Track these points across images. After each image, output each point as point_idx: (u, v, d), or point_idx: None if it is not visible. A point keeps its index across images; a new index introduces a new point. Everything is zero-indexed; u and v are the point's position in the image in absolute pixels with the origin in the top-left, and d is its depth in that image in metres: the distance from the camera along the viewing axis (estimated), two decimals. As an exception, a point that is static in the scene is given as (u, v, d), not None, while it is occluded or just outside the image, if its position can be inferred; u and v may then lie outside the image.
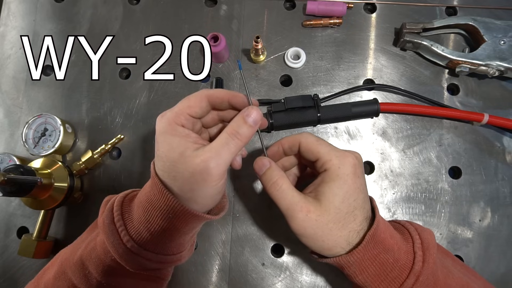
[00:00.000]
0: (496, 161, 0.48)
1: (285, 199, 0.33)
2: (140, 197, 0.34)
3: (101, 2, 0.54)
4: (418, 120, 0.49)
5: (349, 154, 0.34)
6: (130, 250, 0.32)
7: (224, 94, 0.34)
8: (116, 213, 0.33)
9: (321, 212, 0.32)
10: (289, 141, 0.36)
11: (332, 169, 0.33)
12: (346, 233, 0.33)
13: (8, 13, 0.55)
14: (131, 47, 0.53)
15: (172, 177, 0.31)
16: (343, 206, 0.32)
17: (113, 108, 0.51)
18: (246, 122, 0.32)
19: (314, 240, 0.33)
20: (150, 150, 0.50)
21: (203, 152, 0.30)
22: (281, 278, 0.45)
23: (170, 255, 0.35)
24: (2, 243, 0.49)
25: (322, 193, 0.33)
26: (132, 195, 0.37)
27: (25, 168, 0.43)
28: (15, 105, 0.52)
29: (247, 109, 0.33)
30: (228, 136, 0.32)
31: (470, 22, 0.48)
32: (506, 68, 0.46)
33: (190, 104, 0.33)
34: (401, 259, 0.33)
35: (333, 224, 0.32)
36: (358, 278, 0.33)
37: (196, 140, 0.32)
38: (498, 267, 0.45)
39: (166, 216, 0.32)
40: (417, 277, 0.32)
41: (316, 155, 0.34)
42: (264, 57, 0.51)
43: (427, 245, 0.33)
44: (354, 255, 0.32)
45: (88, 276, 0.34)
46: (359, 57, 0.51)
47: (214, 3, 0.54)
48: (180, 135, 0.31)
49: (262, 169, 0.35)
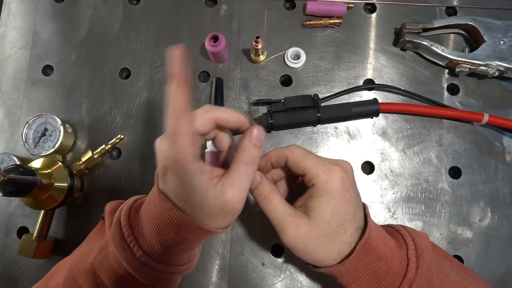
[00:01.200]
0: (496, 161, 0.48)
1: (275, 213, 0.33)
2: (148, 210, 0.33)
3: (101, 2, 0.54)
4: (418, 120, 0.49)
5: (336, 168, 0.33)
6: (144, 264, 0.32)
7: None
8: (125, 228, 0.32)
9: (311, 227, 0.32)
10: (276, 155, 0.36)
11: (319, 184, 0.33)
12: (337, 246, 0.33)
13: (8, 13, 0.55)
14: (131, 47, 0.53)
15: (193, 212, 0.30)
16: (332, 220, 0.32)
17: (113, 108, 0.51)
18: (256, 146, 0.32)
19: (305, 253, 0.33)
20: (150, 150, 0.50)
21: (226, 189, 0.30)
22: (281, 278, 0.45)
23: (182, 265, 0.35)
24: (2, 243, 0.49)
25: (311, 208, 0.33)
26: (137, 205, 0.36)
27: (25, 168, 0.43)
28: (15, 105, 0.52)
29: (251, 131, 0.32)
30: (245, 166, 0.31)
31: (470, 22, 0.48)
32: (506, 68, 0.46)
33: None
34: (394, 266, 0.33)
35: (323, 238, 0.32)
36: (351, 287, 0.34)
37: (211, 173, 0.31)
38: (498, 267, 0.45)
39: (180, 231, 0.31)
40: (410, 284, 0.32)
41: (303, 170, 0.34)
42: (264, 57, 0.51)
43: (421, 251, 0.33)
44: (345, 265, 0.32)
45: (100, 285, 0.33)
46: (359, 57, 0.51)
47: (214, 3, 0.54)
48: (195, 172, 0.28)
49: (253, 184, 0.34)
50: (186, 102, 0.27)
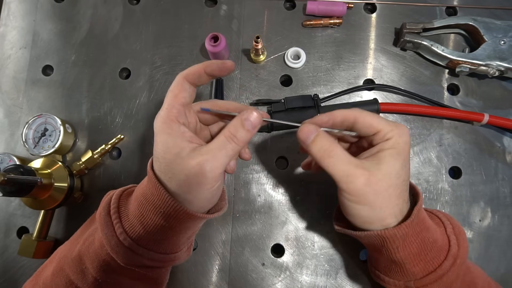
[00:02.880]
0: (496, 161, 0.48)
1: (342, 164, 0.31)
2: (136, 191, 0.34)
3: (101, 2, 0.54)
4: (418, 120, 0.49)
5: (404, 126, 0.33)
6: (122, 243, 0.32)
7: (198, 67, 0.33)
8: (112, 206, 0.34)
9: (382, 176, 0.31)
10: (342, 115, 0.34)
11: (394, 138, 0.32)
12: (401, 202, 0.32)
13: (8, 13, 0.55)
14: (131, 47, 0.53)
15: (168, 178, 0.31)
16: (402, 173, 0.32)
17: (113, 108, 0.51)
18: (244, 126, 0.32)
19: (372, 207, 0.31)
20: (150, 150, 0.50)
21: (199, 154, 0.30)
22: (281, 278, 0.45)
23: (163, 253, 0.34)
24: (2, 243, 0.49)
25: (383, 157, 0.32)
26: (131, 190, 0.37)
27: (25, 168, 0.43)
28: (15, 105, 0.52)
29: (245, 113, 0.32)
30: (225, 139, 0.31)
31: (470, 22, 0.48)
32: (506, 68, 0.46)
33: (175, 93, 0.32)
34: (439, 240, 0.33)
35: (393, 190, 0.31)
36: (398, 254, 0.33)
37: (192, 139, 0.32)
38: (498, 267, 0.45)
39: (160, 212, 0.32)
40: (455, 260, 0.32)
41: (377, 127, 0.33)
42: (264, 57, 0.51)
43: (458, 231, 0.34)
44: (402, 228, 0.31)
45: (85, 272, 0.34)
46: (359, 57, 0.51)
47: (214, 3, 0.54)
48: (176, 133, 0.31)
49: (310, 137, 0.32)
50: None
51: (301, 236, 0.46)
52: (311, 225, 0.46)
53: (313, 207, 0.47)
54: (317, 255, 0.46)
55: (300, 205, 0.47)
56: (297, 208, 0.47)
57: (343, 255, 0.45)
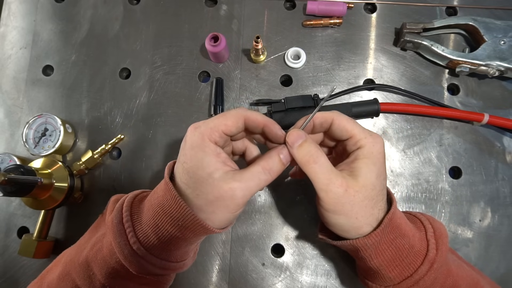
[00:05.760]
0: (496, 161, 0.48)
1: (323, 173, 0.32)
2: (151, 200, 0.33)
3: (101, 2, 0.54)
4: (418, 120, 0.49)
5: (378, 135, 0.34)
6: (135, 252, 0.32)
7: (261, 120, 0.34)
8: (125, 214, 0.33)
9: (359, 188, 0.32)
10: (321, 117, 0.35)
11: (367, 146, 0.33)
12: (376, 212, 0.33)
13: (9, 13, 0.55)
14: (131, 47, 0.53)
15: (196, 195, 0.31)
16: (377, 183, 0.32)
17: (113, 108, 0.51)
18: (282, 162, 0.33)
19: (348, 217, 0.32)
20: (150, 150, 0.50)
21: (233, 180, 0.30)
22: (281, 278, 0.45)
23: (174, 262, 0.35)
24: (2, 243, 0.49)
25: (358, 169, 0.32)
26: (142, 196, 0.36)
27: (25, 168, 0.43)
28: (16, 105, 0.52)
29: (284, 148, 0.33)
30: (262, 171, 0.32)
31: (470, 22, 0.48)
32: (506, 68, 0.46)
33: (227, 123, 0.32)
34: (415, 245, 0.33)
35: (368, 201, 0.32)
36: (373, 262, 0.33)
37: (226, 161, 0.32)
38: (498, 267, 0.45)
39: (177, 224, 0.31)
40: (431, 264, 0.32)
41: (350, 133, 0.33)
42: (264, 57, 0.51)
43: (439, 234, 0.34)
44: (372, 237, 0.32)
45: (92, 278, 0.33)
46: (359, 57, 0.51)
47: (214, 3, 0.54)
48: (212, 153, 0.31)
49: (298, 141, 0.33)
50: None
51: (301, 236, 0.46)
52: (311, 225, 0.46)
53: (313, 207, 0.47)
54: (317, 255, 0.46)
55: (300, 205, 0.47)
56: (297, 208, 0.47)
57: (343, 255, 0.45)
